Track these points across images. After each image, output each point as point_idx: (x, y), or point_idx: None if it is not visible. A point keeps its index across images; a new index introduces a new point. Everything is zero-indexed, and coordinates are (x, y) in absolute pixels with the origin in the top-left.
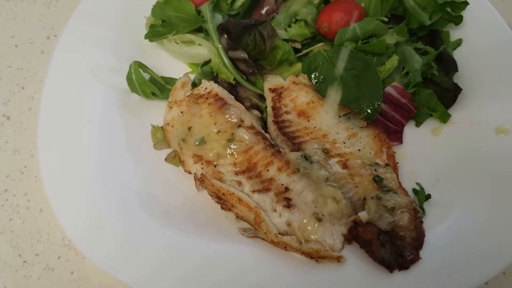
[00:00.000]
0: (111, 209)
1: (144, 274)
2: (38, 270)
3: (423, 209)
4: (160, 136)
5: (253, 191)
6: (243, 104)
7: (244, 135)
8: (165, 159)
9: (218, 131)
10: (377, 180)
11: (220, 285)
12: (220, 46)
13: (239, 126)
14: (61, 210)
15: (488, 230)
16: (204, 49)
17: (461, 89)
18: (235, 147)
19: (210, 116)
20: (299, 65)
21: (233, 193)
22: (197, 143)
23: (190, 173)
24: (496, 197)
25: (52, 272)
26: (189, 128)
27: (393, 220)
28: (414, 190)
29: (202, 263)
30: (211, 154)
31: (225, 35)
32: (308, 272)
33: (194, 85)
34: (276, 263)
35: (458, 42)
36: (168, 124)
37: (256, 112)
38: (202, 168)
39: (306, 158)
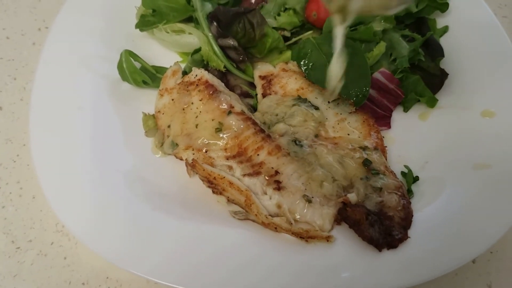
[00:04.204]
0: (104, 194)
1: (137, 257)
2: (31, 256)
3: (411, 191)
4: (152, 124)
5: (244, 175)
6: (234, 92)
7: (234, 121)
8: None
9: (205, 121)
10: (366, 164)
11: (212, 266)
12: (210, 34)
13: (230, 112)
14: (54, 197)
15: (475, 210)
16: (194, 37)
17: (447, 74)
18: (225, 133)
19: (201, 102)
20: (288, 53)
21: (224, 177)
22: (170, 146)
23: (181, 159)
24: (482, 178)
25: (45, 257)
26: (169, 126)
27: (381, 201)
28: (403, 173)
29: (194, 245)
30: (199, 142)
31: (215, 23)
32: (299, 252)
33: (185, 73)
34: (266, 243)
35: (445, 29)
36: (159, 111)
37: (248, 100)
38: (193, 154)
39: (296, 142)
